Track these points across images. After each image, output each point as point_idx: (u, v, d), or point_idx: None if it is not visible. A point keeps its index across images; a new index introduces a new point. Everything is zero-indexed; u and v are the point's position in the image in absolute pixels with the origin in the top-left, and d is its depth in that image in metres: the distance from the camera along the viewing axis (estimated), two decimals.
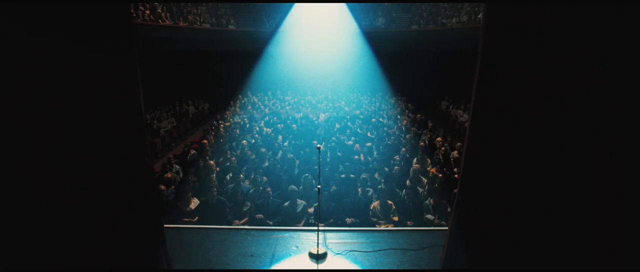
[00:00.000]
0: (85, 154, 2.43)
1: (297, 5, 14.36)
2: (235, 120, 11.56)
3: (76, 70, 2.31)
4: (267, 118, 11.84)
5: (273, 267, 3.54)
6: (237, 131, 9.92)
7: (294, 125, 10.55)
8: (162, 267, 2.98)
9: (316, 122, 11.39)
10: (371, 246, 3.85)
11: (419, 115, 11.78)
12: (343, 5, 14.47)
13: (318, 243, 3.74)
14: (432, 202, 5.22)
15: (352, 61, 15.24)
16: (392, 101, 14.22)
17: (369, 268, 3.52)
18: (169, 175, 6.22)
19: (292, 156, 7.45)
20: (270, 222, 5.00)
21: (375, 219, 5.04)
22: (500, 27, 2.49)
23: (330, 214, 5.15)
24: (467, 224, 2.92)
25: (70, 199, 2.43)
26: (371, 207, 5.13)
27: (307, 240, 3.98)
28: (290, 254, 3.74)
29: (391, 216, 5.03)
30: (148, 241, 2.86)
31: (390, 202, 5.15)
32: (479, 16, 13.12)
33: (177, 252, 3.72)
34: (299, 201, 5.19)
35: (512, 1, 2.40)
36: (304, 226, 4.92)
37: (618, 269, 2.54)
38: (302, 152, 7.89)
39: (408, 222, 5.08)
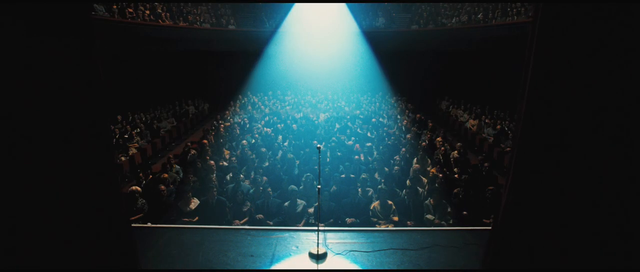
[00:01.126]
0: (41, 151, 2.37)
1: (297, 5, 14.37)
2: (235, 120, 11.57)
3: (24, 63, 2.25)
4: (267, 118, 11.84)
5: (273, 267, 3.54)
6: (237, 130, 9.93)
7: (294, 125, 10.55)
8: (130, 267, 2.92)
9: (316, 122, 11.40)
10: (371, 246, 3.85)
11: (419, 115, 11.78)
12: (343, 5, 14.48)
13: (318, 243, 3.74)
14: (432, 202, 5.22)
15: (352, 61, 15.25)
16: (392, 101, 14.22)
17: (369, 268, 3.52)
18: (165, 175, 6.22)
19: (292, 156, 7.45)
20: (270, 222, 5.01)
21: (375, 219, 5.04)
22: (559, 27, 2.41)
23: (330, 214, 5.15)
24: (522, 224, 2.81)
25: (23, 198, 2.37)
26: (371, 207, 5.14)
27: (307, 240, 3.98)
28: (290, 254, 3.74)
29: (391, 216, 5.04)
30: (113, 241, 2.81)
31: (390, 202, 5.15)
32: (479, 16, 13.11)
33: (177, 252, 3.72)
34: (299, 201, 5.19)
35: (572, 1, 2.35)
36: (304, 226, 4.92)
37: None
38: (302, 152, 7.89)
39: (408, 222, 5.09)
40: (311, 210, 5.26)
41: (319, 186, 3.85)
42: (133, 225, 4.80)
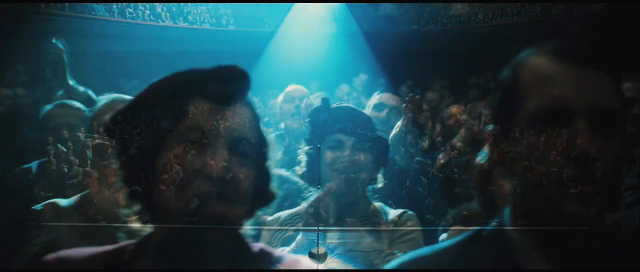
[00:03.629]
0: None
1: (297, 5, 14.34)
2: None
3: None
4: (266, 118, 11.84)
5: (273, 267, 3.53)
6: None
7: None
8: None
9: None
10: (371, 246, 3.83)
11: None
12: (343, 5, 14.45)
13: (318, 243, 3.73)
14: (432, 202, 5.21)
15: (352, 61, 15.21)
16: None
17: (369, 268, 3.51)
18: (165, 175, 6.21)
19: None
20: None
21: (375, 219, 5.02)
22: None
23: (330, 214, 5.14)
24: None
25: None
26: (371, 208, 5.12)
27: (307, 240, 3.96)
28: None
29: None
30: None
31: (390, 202, 5.14)
32: (479, 16, 13.10)
33: (176, 252, 3.71)
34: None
35: None
36: (304, 226, 4.90)
37: None
38: None
39: (408, 223, 5.07)
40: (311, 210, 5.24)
41: (319, 186, 3.84)
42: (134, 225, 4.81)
